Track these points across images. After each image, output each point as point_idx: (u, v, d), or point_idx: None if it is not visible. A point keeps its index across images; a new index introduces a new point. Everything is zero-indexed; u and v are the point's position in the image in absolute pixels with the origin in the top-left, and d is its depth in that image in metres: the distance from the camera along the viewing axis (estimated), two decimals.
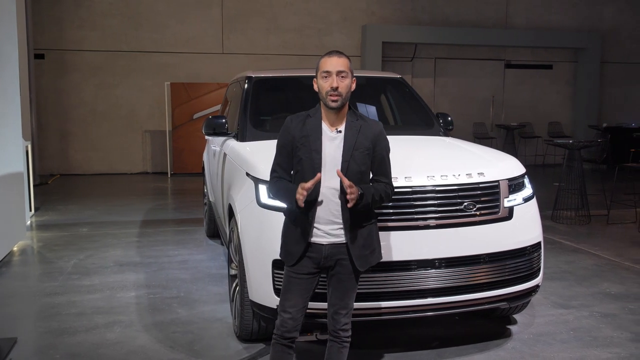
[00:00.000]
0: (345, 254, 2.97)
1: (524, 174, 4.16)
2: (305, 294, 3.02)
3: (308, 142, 2.94)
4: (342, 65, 2.93)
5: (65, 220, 8.17)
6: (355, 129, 2.97)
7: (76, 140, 12.94)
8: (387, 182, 3.06)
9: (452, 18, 14.46)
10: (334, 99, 2.90)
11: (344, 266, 2.99)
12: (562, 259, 6.30)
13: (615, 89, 15.63)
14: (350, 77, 2.96)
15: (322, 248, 2.97)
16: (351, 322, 3.08)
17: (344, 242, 2.96)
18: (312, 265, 2.99)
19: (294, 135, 2.98)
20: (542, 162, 15.02)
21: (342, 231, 2.95)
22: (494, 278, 3.74)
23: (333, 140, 2.95)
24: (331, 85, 2.89)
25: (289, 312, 3.00)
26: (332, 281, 3.04)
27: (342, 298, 3.03)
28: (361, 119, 3.02)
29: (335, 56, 2.96)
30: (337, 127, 2.97)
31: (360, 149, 2.94)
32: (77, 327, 4.42)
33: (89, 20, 12.69)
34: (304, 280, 3.00)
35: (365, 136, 2.97)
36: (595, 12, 15.27)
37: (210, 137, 5.61)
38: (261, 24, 13.50)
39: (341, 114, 2.98)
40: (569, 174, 8.21)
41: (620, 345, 4.12)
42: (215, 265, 6.01)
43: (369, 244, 3.01)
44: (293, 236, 3.01)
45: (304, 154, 2.93)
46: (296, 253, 2.98)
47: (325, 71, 2.93)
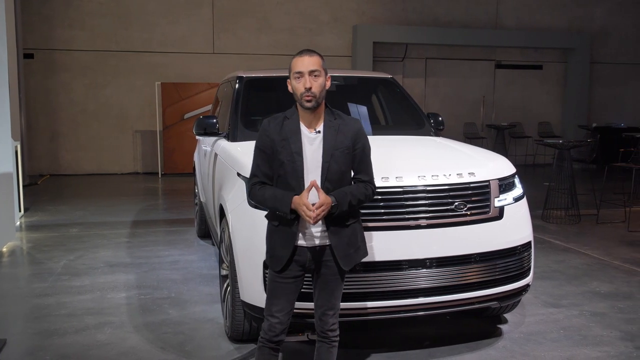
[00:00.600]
0: (330, 256, 2.95)
1: (514, 173, 4.18)
2: (291, 297, 3.00)
3: (288, 145, 2.88)
4: (314, 64, 2.88)
5: (55, 221, 8.13)
6: (334, 128, 2.93)
7: (66, 140, 12.87)
8: (368, 181, 3.01)
9: (442, 18, 14.51)
10: (309, 99, 2.85)
11: (329, 267, 2.97)
12: (552, 258, 6.33)
13: (604, 89, 15.73)
14: (324, 75, 2.91)
15: (307, 251, 2.94)
16: (340, 321, 3.08)
17: (328, 244, 2.94)
18: (297, 268, 2.96)
19: (273, 139, 2.91)
20: (532, 162, 15.10)
21: (326, 233, 2.92)
22: (485, 277, 3.75)
23: (313, 141, 2.91)
24: (304, 85, 2.84)
25: (276, 317, 2.97)
26: (318, 283, 3.02)
27: (328, 299, 3.01)
28: (339, 118, 2.98)
29: (306, 55, 2.90)
30: (315, 128, 2.93)
31: (341, 149, 2.90)
32: (67, 328, 4.39)
33: (79, 19, 12.63)
34: (289, 284, 2.97)
35: (345, 135, 2.93)
36: (585, 12, 15.37)
37: (201, 137, 5.59)
38: (252, 24, 13.48)
39: (318, 113, 2.94)
40: (559, 174, 8.26)
41: (610, 344, 4.15)
42: (206, 265, 5.99)
43: (353, 243, 2.98)
44: (279, 240, 2.96)
45: (285, 157, 2.88)
46: (283, 257, 2.93)
47: (298, 72, 2.87)
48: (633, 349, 4.06)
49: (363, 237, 3.09)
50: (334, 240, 2.92)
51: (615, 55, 15.71)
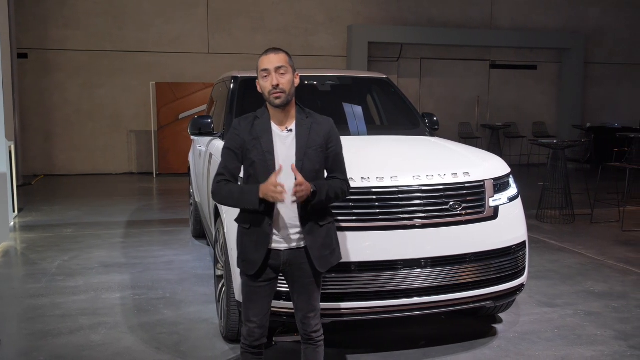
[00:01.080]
0: (305, 258, 2.90)
1: (509, 173, 4.19)
2: (267, 299, 2.97)
3: (259, 144, 2.85)
4: (280, 61, 2.85)
5: (49, 221, 8.10)
6: (306, 126, 2.90)
7: (60, 140, 12.83)
8: (343, 179, 2.99)
9: (437, 18, 14.52)
10: (277, 96, 2.82)
11: (304, 270, 2.92)
12: (546, 258, 6.35)
13: (598, 89, 15.79)
14: (291, 72, 2.88)
15: (281, 254, 2.90)
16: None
17: (303, 247, 2.90)
18: (271, 272, 2.92)
19: (244, 139, 2.88)
20: (526, 162, 15.13)
21: (300, 235, 2.88)
22: (480, 277, 3.76)
23: (285, 139, 2.88)
24: (272, 83, 2.81)
25: (254, 322, 2.95)
26: (296, 287, 2.97)
27: (308, 302, 2.97)
28: (311, 116, 2.95)
29: (272, 53, 2.87)
30: (287, 126, 2.90)
31: (314, 147, 2.87)
32: (62, 329, 4.38)
33: (73, 19, 12.59)
34: (263, 287, 2.94)
35: (317, 133, 2.90)
36: (579, 13, 15.42)
37: (196, 137, 5.59)
38: (247, 24, 13.47)
39: (289, 112, 2.90)
40: (554, 174, 8.28)
41: (604, 343, 4.16)
42: (201, 265, 5.98)
43: (328, 244, 2.94)
44: (251, 244, 2.90)
45: (256, 156, 2.84)
46: (257, 261, 2.88)
47: (264, 69, 2.84)
48: (627, 348, 4.07)
49: (337, 239, 3.04)
50: (309, 241, 2.88)
51: (609, 55, 15.77)
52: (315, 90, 5.58)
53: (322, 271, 2.94)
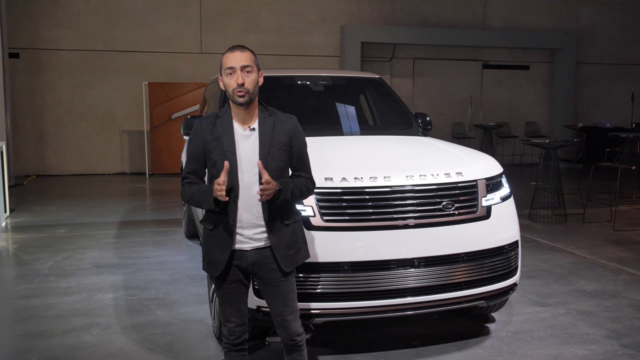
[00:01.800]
0: (272, 258, 2.87)
1: (502, 173, 4.20)
2: (242, 298, 2.96)
3: (221, 144, 2.82)
4: (246, 59, 2.82)
5: (42, 222, 8.06)
6: (269, 125, 2.87)
7: (52, 140, 12.77)
8: (308, 177, 2.98)
9: (430, 19, 14.55)
10: (241, 95, 2.78)
11: (273, 270, 2.88)
12: (539, 257, 6.37)
13: (590, 90, 15.86)
14: (256, 71, 2.85)
15: (247, 254, 2.87)
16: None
17: (268, 246, 2.87)
18: (239, 273, 2.90)
19: (205, 139, 2.85)
20: (519, 162, 15.18)
21: (265, 235, 2.85)
22: (473, 277, 3.77)
23: (247, 138, 2.84)
24: (237, 81, 2.78)
25: (232, 321, 2.95)
26: (268, 289, 2.94)
27: (284, 303, 2.92)
28: (274, 114, 2.92)
29: (238, 51, 2.84)
30: (249, 125, 2.86)
31: (277, 145, 2.84)
32: (54, 329, 4.36)
33: (65, 18, 12.54)
34: (236, 288, 2.92)
35: (281, 132, 2.87)
36: (571, 13, 15.48)
37: (188, 137, 5.57)
38: (240, 24, 13.45)
39: (252, 110, 2.87)
40: (546, 174, 8.31)
41: (596, 342, 4.18)
42: (194, 266, 5.97)
43: (294, 243, 2.93)
44: (215, 245, 2.88)
45: (218, 157, 2.81)
46: (220, 263, 2.86)
47: (229, 67, 2.80)
48: (619, 347, 4.10)
49: (304, 237, 3.03)
50: (273, 240, 2.85)
51: (601, 55, 15.84)
52: (308, 90, 5.58)
53: (287, 270, 2.90)
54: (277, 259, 2.87)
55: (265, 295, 2.98)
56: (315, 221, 3.55)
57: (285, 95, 5.48)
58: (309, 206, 3.55)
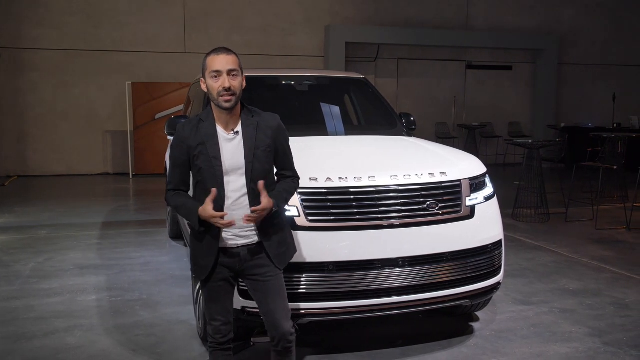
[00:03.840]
0: (262, 255, 2.88)
1: (485, 173, 4.23)
2: (228, 297, 2.96)
3: (205, 150, 2.78)
4: (233, 63, 2.78)
5: (23, 223, 7.97)
6: (252, 127, 2.84)
7: (34, 140, 12.64)
8: (292, 175, 2.99)
9: (414, 19, 14.61)
10: (227, 99, 2.75)
11: (262, 267, 2.88)
12: (522, 256, 6.42)
13: (572, 90, 16.01)
14: (241, 75, 2.82)
15: (237, 252, 2.86)
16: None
17: (256, 242, 2.86)
18: (226, 271, 2.89)
19: (190, 145, 2.81)
20: (502, 162, 15.29)
21: (253, 232, 2.85)
22: (457, 276, 3.79)
23: (231, 142, 2.82)
24: (223, 85, 2.74)
25: (218, 320, 2.95)
26: (258, 288, 2.92)
27: (274, 301, 2.91)
28: (257, 115, 2.89)
29: (224, 54, 2.79)
30: (232, 128, 2.83)
31: (262, 147, 2.83)
32: (36, 332, 4.31)
33: (47, 18, 12.41)
34: (222, 286, 2.92)
35: (265, 133, 2.85)
36: (554, 14, 15.62)
37: (172, 137, 5.54)
38: (224, 24, 13.41)
39: (235, 114, 2.83)
40: (529, 173, 8.37)
41: (579, 340, 4.22)
42: (178, 267, 5.94)
43: (284, 241, 2.95)
44: (201, 248, 2.87)
45: (203, 163, 2.78)
46: (207, 265, 2.85)
47: (215, 70, 2.76)
48: (601, 345, 4.14)
49: (291, 234, 3.08)
50: (265, 241, 2.87)
51: (583, 56, 16.00)
52: (292, 90, 5.57)
53: (281, 268, 2.92)
54: (271, 258, 2.88)
55: (254, 294, 2.97)
56: (300, 221, 3.54)
57: (269, 95, 5.47)
58: (294, 206, 3.54)
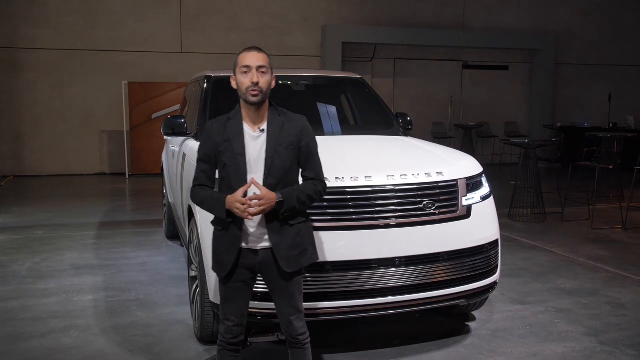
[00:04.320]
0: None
1: (482, 173, 4.23)
2: (245, 299, 2.97)
3: (231, 146, 2.85)
4: (263, 60, 2.86)
5: (19, 223, 7.96)
6: (277, 125, 2.89)
7: (30, 140, 12.61)
8: (316, 179, 2.98)
9: (410, 19, 14.62)
10: (255, 94, 2.82)
11: (279, 270, 2.89)
12: (518, 256, 6.43)
13: (568, 90, 16.04)
14: (270, 73, 2.89)
15: (255, 254, 2.89)
16: (309, 321, 3.06)
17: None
18: (246, 272, 2.91)
19: (216, 141, 2.88)
20: (499, 161, 15.31)
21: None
22: (453, 276, 3.80)
23: (256, 139, 2.87)
24: (252, 80, 2.81)
25: (232, 320, 2.96)
26: (275, 288, 2.95)
27: (290, 303, 2.94)
28: (283, 115, 2.94)
29: (255, 51, 2.89)
30: (259, 126, 2.89)
31: (284, 145, 2.86)
32: (32, 332, 4.31)
33: (43, 17, 12.39)
34: (240, 288, 2.93)
35: (289, 132, 2.89)
36: (550, 14, 15.65)
37: (169, 137, 5.54)
38: (221, 23, 13.40)
39: (262, 111, 2.90)
40: (525, 173, 8.39)
41: (575, 340, 4.23)
42: (175, 267, 5.94)
43: (299, 244, 2.91)
44: (223, 245, 2.90)
45: (228, 159, 2.84)
46: (228, 263, 2.88)
47: (245, 66, 2.84)
48: (597, 344, 4.15)
49: (312, 240, 3.01)
50: (274, 239, 2.86)
51: (579, 56, 16.03)
52: (289, 90, 5.57)
53: (288, 271, 2.89)
54: (277, 259, 2.87)
55: (271, 294, 3.00)
56: None
57: None
58: None
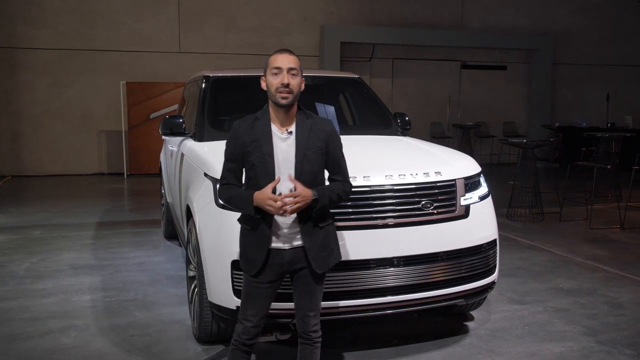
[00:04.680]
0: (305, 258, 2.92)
1: (480, 172, 4.23)
2: (267, 301, 2.98)
3: (259, 146, 2.86)
4: (293, 62, 2.88)
5: (17, 223, 7.95)
6: (306, 128, 2.91)
7: (28, 140, 12.60)
8: (344, 181, 3.02)
9: (409, 19, 14.62)
10: (285, 96, 2.84)
11: (308, 269, 2.94)
12: (517, 255, 6.44)
13: (567, 90, 16.06)
14: (300, 75, 2.91)
15: (284, 253, 2.91)
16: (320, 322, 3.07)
17: (302, 245, 2.92)
18: (274, 273, 2.93)
19: (244, 141, 2.89)
20: (497, 161, 15.32)
21: (299, 235, 2.90)
22: (452, 275, 3.80)
23: (284, 141, 2.89)
24: (282, 81, 2.83)
25: (250, 321, 2.96)
26: (298, 284, 2.99)
27: (309, 300, 2.98)
28: (311, 118, 2.97)
29: (286, 53, 2.91)
30: (287, 128, 2.90)
31: (313, 149, 2.89)
32: (31, 332, 4.30)
33: (41, 17, 12.37)
34: (265, 289, 2.95)
35: (317, 135, 2.92)
36: (548, 14, 15.66)
37: (167, 137, 5.54)
38: (219, 23, 13.39)
39: (291, 113, 2.91)
40: (523, 173, 8.39)
41: (573, 339, 4.24)
42: (173, 267, 5.93)
43: (327, 246, 2.96)
44: (252, 244, 2.93)
45: (256, 159, 2.86)
46: (258, 261, 2.90)
47: (276, 67, 2.86)
48: (595, 344, 4.15)
49: (337, 240, 3.07)
50: (307, 242, 2.90)
51: (577, 56, 16.04)
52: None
53: (319, 272, 2.95)
54: (310, 260, 2.91)
55: (293, 289, 3.02)
56: None
57: (264, 95, 5.44)
58: None
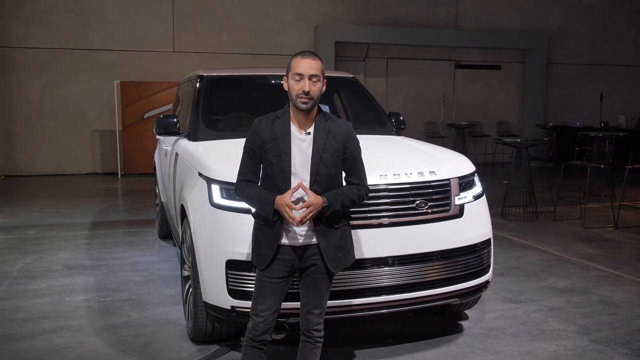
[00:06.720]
0: (317, 255, 2.95)
1: (474, 172, 4.24)
2: (278, 297, 2.99)
3: (277, 145, 2.89)
4: (316, 68, 2.88)
5: (11, 223, 7.92)
6: (324, 130, 2.93)
7: (22, 140, 12.54)
8: (359, 184, 3.02)
9: (403, 19, 14.63)
10: (305, 102, 2.86)
11: (318, 266, 2.96)
12: (511, 254, 6.45)
13: (560, 89, 16.11)
14: (322, 80, 2.91)
15: (295, 250, 2.93)
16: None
17: (315, 243, 2.94)
18: (284, 268, 2.95)
19: (263, 138, 2.92)
20: (491, 161, 15.36)
21: (312, 232, 2.92)
22: (446, 275, 3.80)
23: (302, 142, 2.91)
24: (302, 88, 2.85)
25: (261, 316, 2.97)
26: (306, 281, 3.01)
27: (315, 298, 3.01)
28: (330, 120, 2.98)
29: (309, 58, 2.90)
30: (306, 129, 2.93)
31: (330, 151, 2.91)
32: (24, 332, 4.28)
33: (34, 16, 12.32)
34: (276, 284, 2.97)
35: (335, 138, 2.93)
36: (542, 14, 15.70)
37: (161, 136, 5.53)
38: (213, 22, 13.37)
39: (310, 116, 2.93)
40: (517, 172, 8.42)
41: (567, 338, 4.25)
42: (167, 266, 5.92)
43: (343, 246, 2.99)
44: (264, 239, 2.95)
45: (274, 157, 2.89)
46: (267, 256, 2.93)
47: (298, 73, 2.87)
48: (589, 343, 4.17)
49: (352, 241, 3.10)
50: (322, 242, 2.92)
51: (571, 56, 16.09)
52: (282, 89, 5.55)
53: (335, 272, 2.99)
54: (325, 261, 2.93)
55: (301, 285, 3.05)
56: None
57: (259, 94, 5.45)
58: None
